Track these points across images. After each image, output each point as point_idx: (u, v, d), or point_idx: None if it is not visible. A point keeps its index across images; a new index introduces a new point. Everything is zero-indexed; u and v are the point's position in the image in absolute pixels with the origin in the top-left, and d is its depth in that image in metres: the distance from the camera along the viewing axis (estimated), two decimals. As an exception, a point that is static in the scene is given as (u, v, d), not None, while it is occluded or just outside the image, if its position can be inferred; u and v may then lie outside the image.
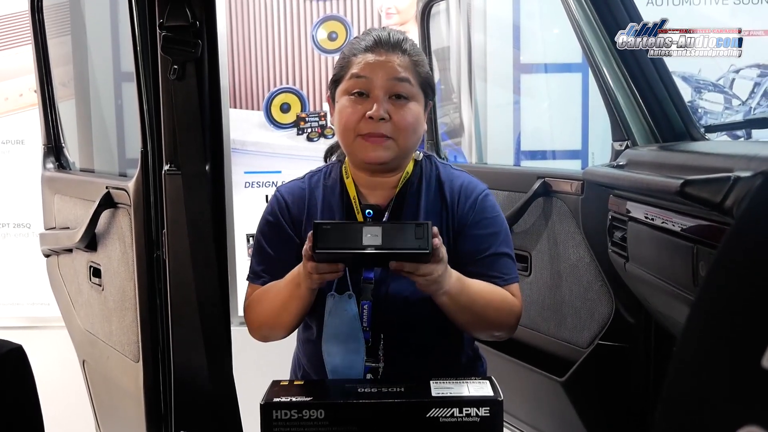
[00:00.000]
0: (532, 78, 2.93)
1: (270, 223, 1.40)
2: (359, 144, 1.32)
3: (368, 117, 1.29)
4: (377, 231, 1.14)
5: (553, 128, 2.96)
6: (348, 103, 1.32)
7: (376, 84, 1.30)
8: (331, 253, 1.15)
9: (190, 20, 1.39)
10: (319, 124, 2.82)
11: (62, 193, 2.14)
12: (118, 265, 1.80)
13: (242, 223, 2.81)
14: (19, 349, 1.41)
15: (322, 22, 2.80)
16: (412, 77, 1.33)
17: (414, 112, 1.33)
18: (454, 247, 1.35)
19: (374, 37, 1.34)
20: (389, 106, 1.30)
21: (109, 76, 2.78)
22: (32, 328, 2.89)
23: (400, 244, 1.13)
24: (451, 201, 1.37)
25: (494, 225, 1.37)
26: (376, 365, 1.32)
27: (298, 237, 1.38)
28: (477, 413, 1.13)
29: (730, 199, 1.00)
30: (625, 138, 1.67)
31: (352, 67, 1.33)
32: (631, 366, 1.69)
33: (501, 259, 1.36)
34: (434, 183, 1.39)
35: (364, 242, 1.13)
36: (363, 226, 1.15)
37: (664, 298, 1.39)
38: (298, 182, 1.44)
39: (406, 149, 1.35)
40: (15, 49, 2.92)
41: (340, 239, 1.14)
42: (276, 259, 1.38)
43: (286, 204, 1.40)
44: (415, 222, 1.17)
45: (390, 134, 1.31)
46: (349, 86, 1.33)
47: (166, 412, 1.65)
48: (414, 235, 1.13)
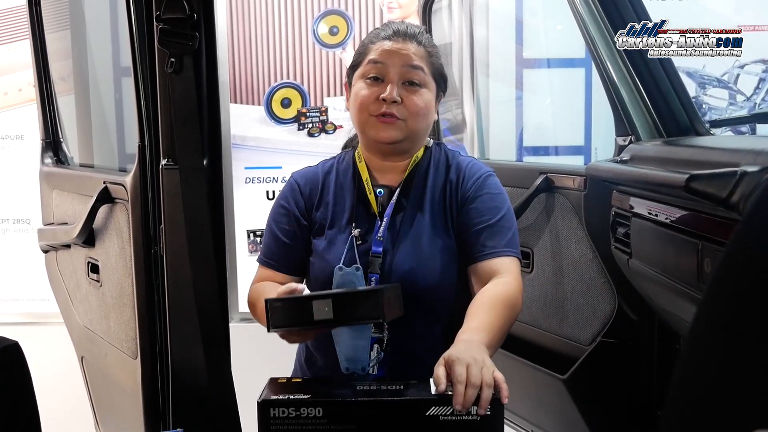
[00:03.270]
0: (535, 73, 2.91)
1: (283, 208, 1.45)
2: (372, 123, 1.38)
3: (381, 99, 1.36)
4: (328, 304, 1.16)
5: (555, 124, 2.94)
6: (364, 85, 1.39)
7: (391, 70, 1.37)
8: (283, 330, 1.19)
9: (188, 13, 1.38)
10: (320, 120, 2.80)
11: (60, 188, 2.13)
12: (116, 261, 1.79)
13: (243, 219, 2.80)
14: (16, 345, 1.40)
15: (323, 16, 2.78)
16: (426, 66, 1.39)
17: (425, 98, 1.39)
18: (457, 220, 1.39)
19: (393, 29, 1.41)
20: (402, 91, 1.37)
21: (109, 71, 2.76)
22: (32, 324, 2.88)
23: (351, 314, 1.16)
24: (456, 179, 1.42)
25: (495, 200, 1.39)
26: (380, 335, 1.34)
27: (310, 221, 1.43)
28: (477, 411, 1.11)
29: (737, 194, 0.98)
30: (629, 133, 1.65)
31: (370, 54, 1.40)
32: (633, 363, 1.68)
33: (500, 230, 1.36)
34: (442, 166, 1.44)
35: (316, 317, 1.16)
36: (313, 300, 1.17)
37: (668, 295, 1.37)
38: (313, 168, 1.50)
39: (416, 132, 1.40)
40: (14, 44, 2.90)
41: (292, 314, 1.17)
42: (285, 245, 1.42)
43: (299, 188, 1.45)
44: (365, 289, 1.21)
45: (401, 116, 1.37)
46: (366, 71, 1.39)
47: (164, 409, 1.64)
48: (367, 303, 1.16)
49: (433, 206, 1.41)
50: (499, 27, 2.86)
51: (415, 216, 1.40)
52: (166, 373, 1.59)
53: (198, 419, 1.52)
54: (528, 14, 2.87)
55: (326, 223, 1.42)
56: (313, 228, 1.43)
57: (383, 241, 1.38)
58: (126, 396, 1.82)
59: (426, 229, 1.39)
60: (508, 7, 2.87)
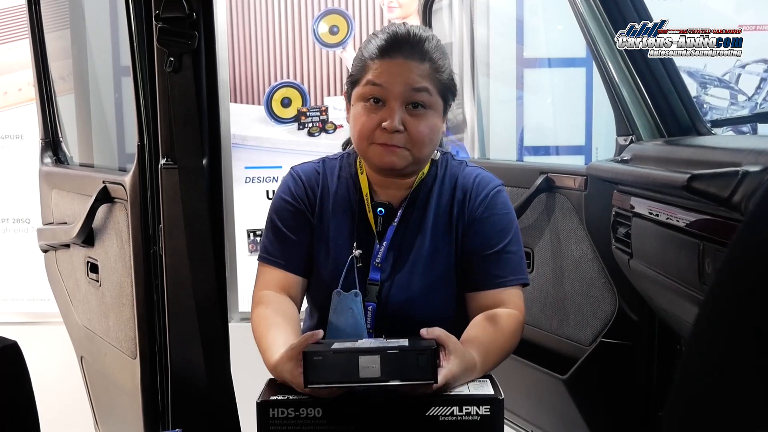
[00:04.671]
0: (536, 73, 2.91)
1: (285, 202, 1.38)
2: (374, 150, 1.30)
3: (383, 128, 1.27)
4: (375, 361, 1.07)
5: (556, 123, 2.93)
6: (363, 111, 1.29)
7: (393, 94, 1.27)
8: (323, 387, 1.09)
9: (187, 12, 1.37)
10: (320, 119, 2.80)
11: (60, 187, 2.13)
12: (115, 260, 1.78)
13: (243, 219, 2.79)
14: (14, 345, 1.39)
15: (323, 15, 2.78)
16: (431, 85, 1.29)
17: (430, 123, 1.29)
18: (462, 241, 1.34)
19: (392, 37, 1.29)
20: (405, 116, 1.27)
21: (109, 71, 2.76)
22: (31, 324, 2.88)
23: (401, 374, 1.07)
24: (463, 197, 1.35)
25: (503, 222, 1.34)
26: None
27: (313, 217, 1.37)
28: (477, 412, 1.11)
29: (739, 193, 0.98)
30: (630, 133, 1.65)
31: (368, 73, 1.29)
32: (634, 364, 1.67)
33: (507, 258, 1.33)
34: (448, 182, 1.37)
35: (362, 375, 1.07)
36: (360, 356, 1.07)
37: (669, 295, 1.37)
38: (313, 164, 1.42)
39: (421, 159, 1.33)
40: (13, 43, 2.90)
41: (334, 370, 1.08)
42: (291, 241, 1.36)
43: (303, 183, 1.38)
44: (417, 349, 1.09)
45: (405, 145, 1.28)
46: (365, 92, 1.29)
47: (164, 409, 1.64)
48: (416, 362, 1.08)
49: (437, 228, 1.34)
50: (500, 27, 2.85)
51: (416, 240, 1.34)
52: (165, 373, 1.58)
53: (197, 419, 1.51)
54: (528, 14, 2.86)
55: (327, 236, 1.36)
56: (314, 233, 1.37)
57: (381, 268, 1.33)
58: (125, 396, 1.81)
59: (426, 254, 1.33)
60: (509, 6, 2.86)
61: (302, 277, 1.37)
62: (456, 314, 1.35)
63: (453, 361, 1.13)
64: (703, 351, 0.51)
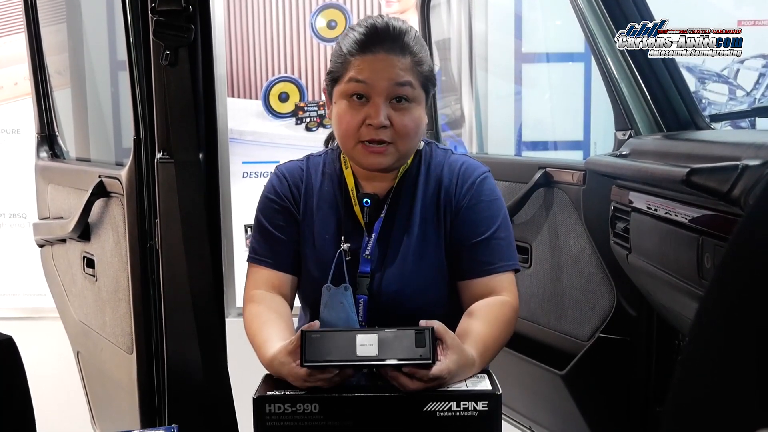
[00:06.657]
0: (534, 68, 2.90)
1: (271, 201, 1.38)
2: (360, 150, 1.29)
3: (368, 124, 1.27)
4: (373, 339, 1.08)
5: (554, 118, 2.93)
6: (347, 108, 1.29)
7: (376, 89, 1.26)
8: (320, 365, 1.09)
9: (183, 5, 1.36)
10: (318, 114, 2.79)
11: (56, 182, 2.12)
12: (112, 255, 1.78)
13: (240, 214, 2.79)
14: (9, 340, 1.39)
15: (321, 10, 2.77)
16: (414, 78, 1.29)
17: (415, 116, 1.29)
18: (450, 230, 1.34)
19: (372, 31, 1.28)
20: (390, 110, 1.27)
21: (106, 65, 2.75)
22: (27, 319, 2.88)
23: (398, 353, 1.08)
24: (450, 184, 1.35)
25: (491, 209, 1.34)
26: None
27: (299, 215, 1.37)
28: (475, 407, 1.11)
29: (738, 188, 0.97)
30: (629, 127, 1.64)
31: (350, 69, 1.28)
32: (632, 360, 1.67)
33: (497, 244, 1.33)
34: (434, 171, 1.37)
35: (358, 353, 1.08)
36: (357, 334, 1.09)
37: (668, 290, 1.36)
38: (297, 163, 1.42)
39: (407, 152, 1.33)
40: (9, 37, 2.88)
41: (332, 349, 1.08)
42: (278, 239, 1.36)
43: (287, 182, 1.39)
44: (414, 328, 1.10)
45: (390, 139, 1.28)
46: (347, 89, 1.28)
47: (160, 404, 1.63)
48: (414, 342, 1.08)
49: (425, 217, 1.34)
50: (498, 22, 2.84)
51: (404, 230, 1.33)
52: (161, 369, 1.58)
53: (194, 414, 1.51)
54: (527, 9, 2.86)
55: (312, 232, 1.36)
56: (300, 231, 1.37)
57: (371, 260, 1.32)
58: (121, 391, 1.81)
59: (416, 243, 1.33)
60: (507, 1, 2.86)
61: (292, 275, 1.37)
62: (449, 302, 1.35)
63: (450, 357, 1.12)
64: (702, 347, 0.50)
